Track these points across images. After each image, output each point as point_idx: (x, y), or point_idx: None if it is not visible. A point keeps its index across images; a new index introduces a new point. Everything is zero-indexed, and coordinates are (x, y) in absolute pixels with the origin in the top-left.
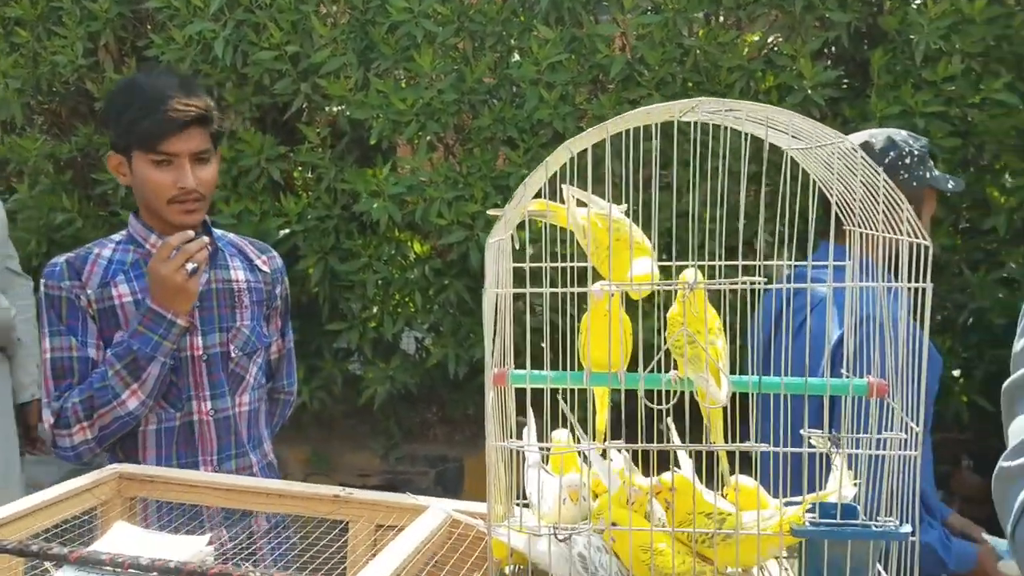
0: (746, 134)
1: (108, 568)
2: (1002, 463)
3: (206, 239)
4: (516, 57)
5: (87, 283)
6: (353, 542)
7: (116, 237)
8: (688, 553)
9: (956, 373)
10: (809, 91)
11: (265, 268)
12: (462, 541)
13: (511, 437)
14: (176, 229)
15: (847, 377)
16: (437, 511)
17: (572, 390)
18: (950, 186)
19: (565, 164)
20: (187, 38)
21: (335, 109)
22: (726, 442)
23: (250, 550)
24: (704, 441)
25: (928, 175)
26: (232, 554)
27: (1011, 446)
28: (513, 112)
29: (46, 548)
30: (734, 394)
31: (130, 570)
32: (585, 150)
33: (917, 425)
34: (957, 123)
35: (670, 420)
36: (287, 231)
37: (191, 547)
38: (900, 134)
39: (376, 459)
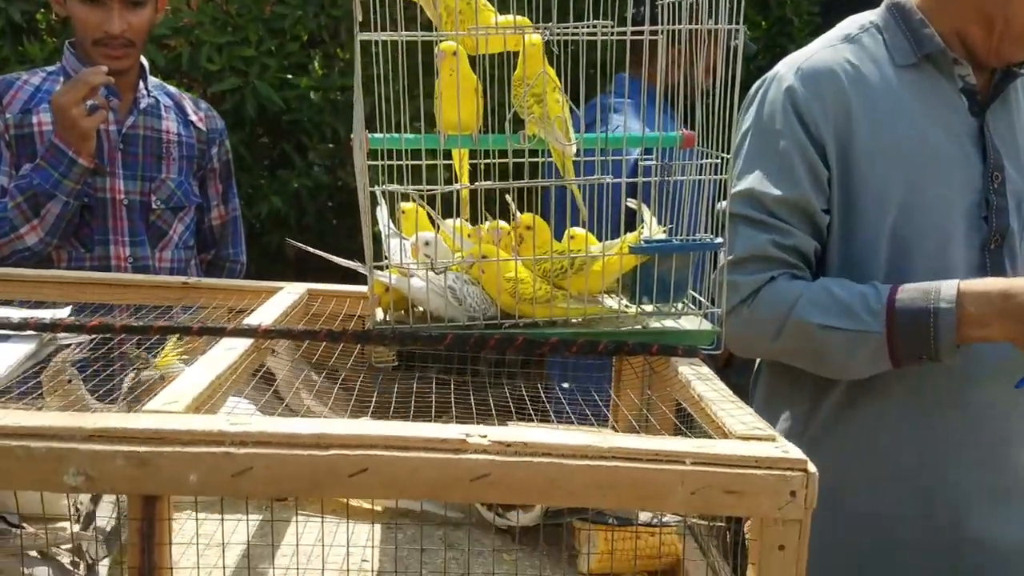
0: None
1: None
2: None
3: (104, 69)
4: None
5: (7, 107)
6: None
7: (50, 68)
8: (546, 283)
9: None
10: None
11: (201, 126)
12: (319, 319)
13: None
14: None
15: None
16: (292, 290)
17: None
18: None
19: None
20: None
21: None
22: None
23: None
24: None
25: None
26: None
27: None
28: None
29: None
30: None
31: (2, 331)
32: None
33: (727, 153)
34: None
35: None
36: None
37: (58, 314)
38: None
39: None
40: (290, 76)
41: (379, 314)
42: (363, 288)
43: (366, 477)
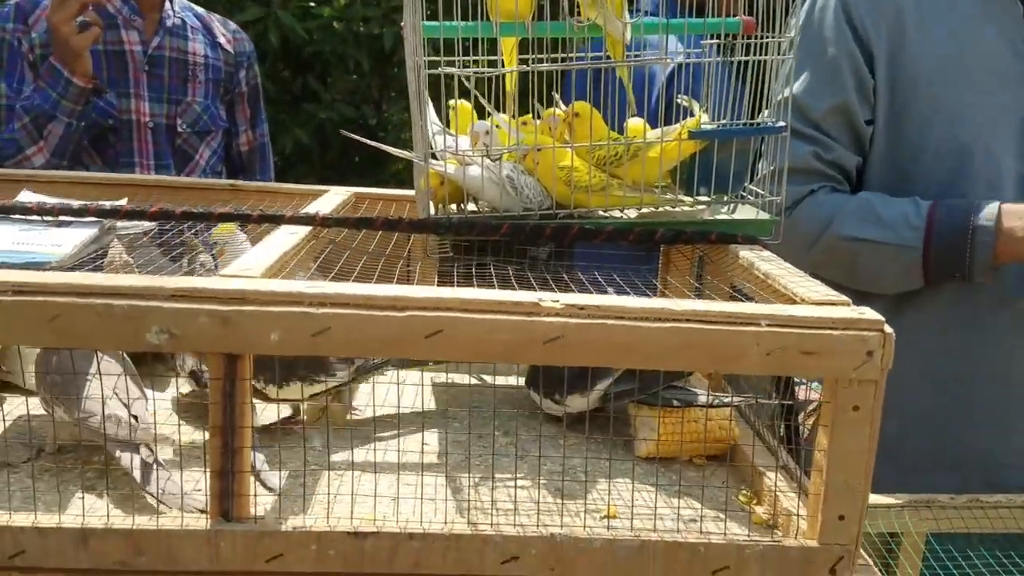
0: None
1: (35, 218)
2: None
3: None
4: None
5: (33, 27)
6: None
7: None
8: (600, 171)
9: None
10: None
11: (229, 48)
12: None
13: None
14: None
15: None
16: (338, 192)
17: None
18: None
19: None
20: None
21: None
22: None
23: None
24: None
25: None
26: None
27: None
28: None
29: None
30: None
31: (61, 216)
32: None
33: (792, 33)
34: None
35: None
36: None
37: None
38: None
39: None
40: (312, 5)
41: (431, 209)
42: (409, 192)
43: (441, 338)
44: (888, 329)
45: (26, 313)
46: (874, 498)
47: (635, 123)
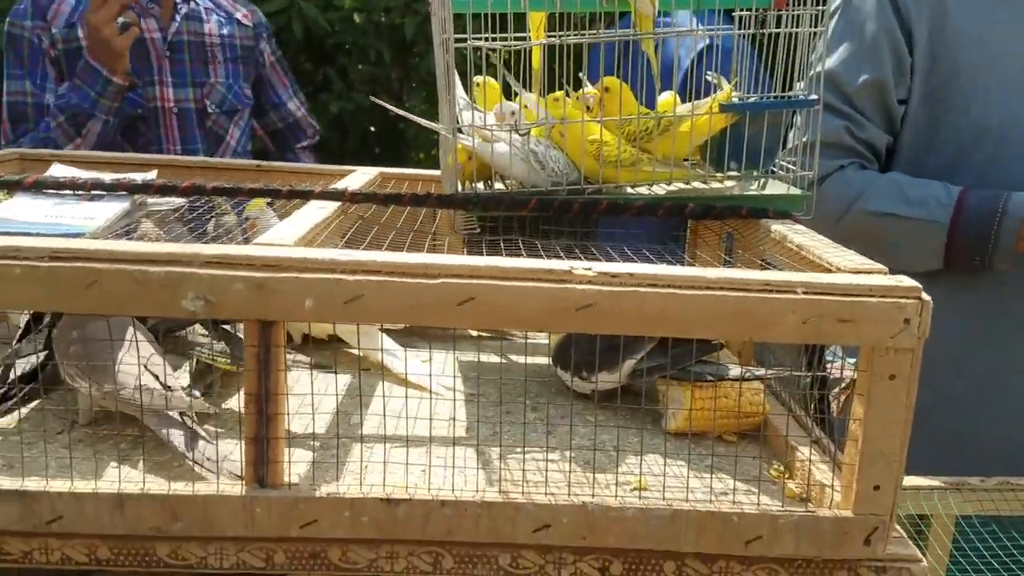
0: None
1: (67, 192)
2: None
3: None
4: None
5: (52, 22)
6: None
7: None
8: (630, 146)
9: None
10: None
11: (246, 21)
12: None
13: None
14: None
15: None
16: (365, 171)
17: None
18: None
19: None
20: None
21: None
22: None
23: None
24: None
25: None
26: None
27: None
28: None
29: None
30: None
31: (93, 190)
32: None
33: (824, 5)
34: None
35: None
36: None
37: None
38: None
39: None
40: None
41: (458, 186)
42: (434, 172)
43: (473, 306)
44: (926, 297)
45: (64, 278)
46: (904, 480)
47: (666, 97)
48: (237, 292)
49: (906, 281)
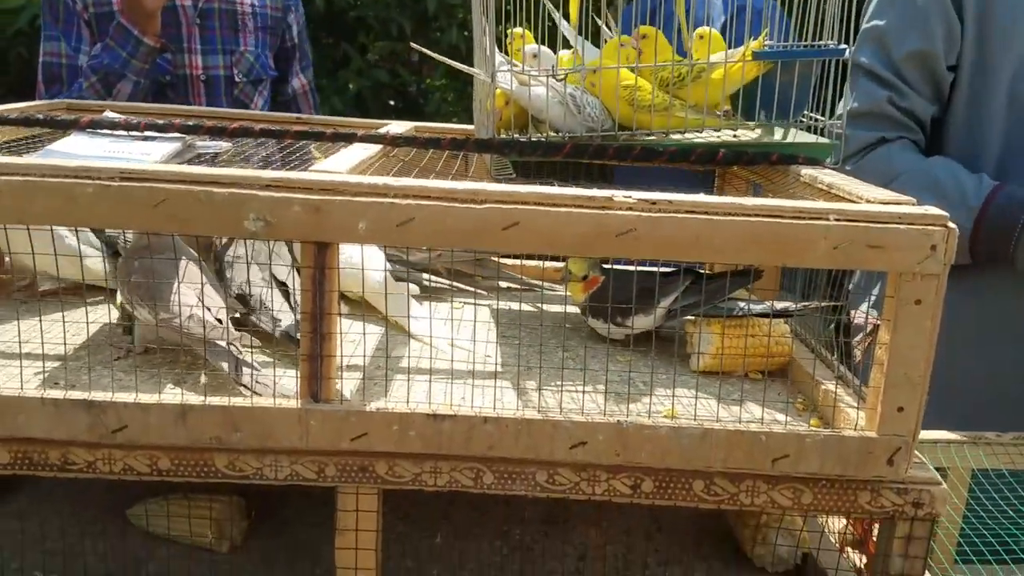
0: None
1: (122, 132)
2: None
3: None
4: None
5: None
6: (321, 148)
7: None
8: (664, 92)
9: None
10: None
11: None
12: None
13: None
14: None
15: None
16: (400, 124)
17: None
18: None
19: None
20: None
21: None
22: None
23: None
24: None
25: None
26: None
27: None
28: None
29: (52, 115)
30: None
31: (147, 131)
32: None
33: None
34: None
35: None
36: None
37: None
38: None
39: None
40: None
41: (494, 132)
42: (467, 127)
43: (518, 231)
44: (951, 224)
45: (134, 197)
46: (922, 434)
47: (706, 30)
48: (295, 214)
49: (932, 210)
